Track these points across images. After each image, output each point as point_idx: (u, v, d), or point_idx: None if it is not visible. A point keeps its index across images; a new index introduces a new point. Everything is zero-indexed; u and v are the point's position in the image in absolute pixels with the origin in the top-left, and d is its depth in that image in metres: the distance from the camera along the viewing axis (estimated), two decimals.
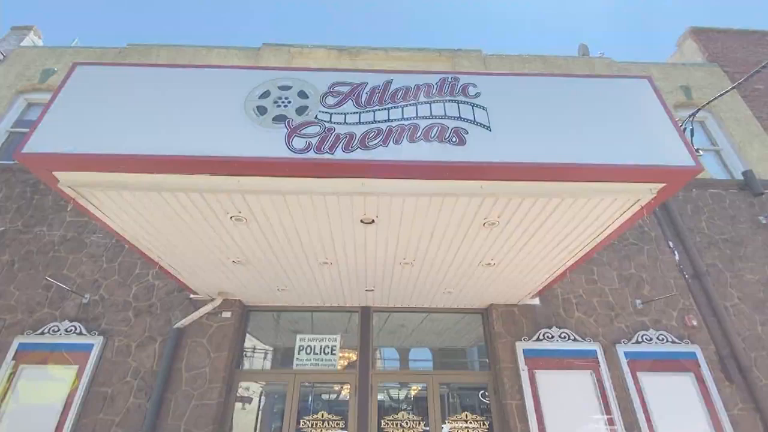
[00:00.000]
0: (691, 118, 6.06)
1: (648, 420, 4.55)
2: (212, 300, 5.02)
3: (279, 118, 2.67)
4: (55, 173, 2.76)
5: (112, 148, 2.57)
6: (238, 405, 5.01)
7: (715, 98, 6.30)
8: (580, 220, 3.12)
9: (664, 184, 2.78)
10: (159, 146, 2.56)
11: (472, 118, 2.71)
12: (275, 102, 2.77)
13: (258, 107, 2.74)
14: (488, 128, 2.69)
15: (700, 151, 6.20)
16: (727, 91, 6.01)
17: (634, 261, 5.79)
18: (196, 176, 2.68)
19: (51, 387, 4.52)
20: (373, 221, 3.19)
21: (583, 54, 9.12)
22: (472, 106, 2.77)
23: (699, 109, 6.38)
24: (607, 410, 4.60)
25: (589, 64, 8.19)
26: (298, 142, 2.57)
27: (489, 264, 4.02)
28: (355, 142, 2.58)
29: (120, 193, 2.83)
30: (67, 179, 2.77)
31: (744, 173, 6.70)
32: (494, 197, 2.80)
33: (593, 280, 5.59)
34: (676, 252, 5.85)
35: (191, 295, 5.15)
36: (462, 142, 2.62)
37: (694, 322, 5.24)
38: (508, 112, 2.79)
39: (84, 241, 5.67)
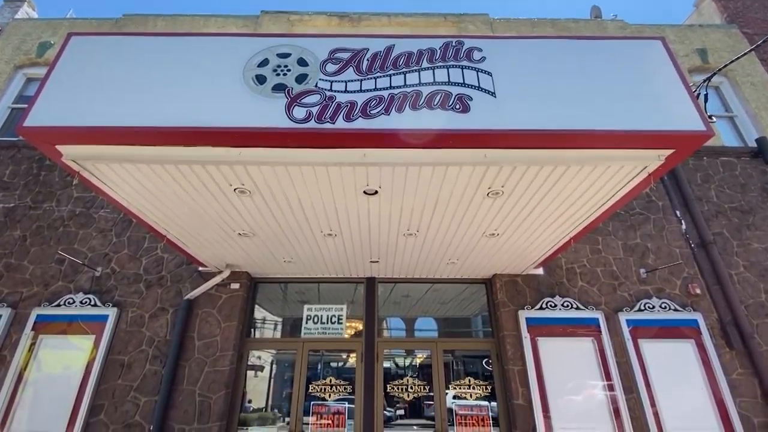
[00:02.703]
0: (705, 83, 5.83)
1: (647, 385, 4.67)
2: (220, 272, 5.12)
3: (278, 87, 2.62)
4: (59, 147, 2.76)
5: (111, 120, 2.56)
6: (251, 373, 5.22)
7: (732, 61, 6.03)
8: (586, 188, 3.08)
9: (672, 151, 2.71)
10: (158, 118, 2.54)
11: (477, 84, 2.64)
12: (274, 70, 2.70)
13: (257, 76, 2.68)
14: (493, 94, 2.62)
15: (713, 118, 6.00)
16: (744, 54, 5.74)
17: (640, 230, 5.77)
18: (198, 148, 2.66)
19: (71, 355, 4.72)
20: (376, 192, 3.19)
21: (595, 17, 8.73)
22: (477, 72, 2.69)
23: (714, 74, 6.12)
24: (607, 376, 4.71)
25: (601, 27, 7.85)
26: (299, 112, 2.53)
27: (493, 234, 4.03)
28: (357, 110, 2.53)
29: (123, 166, 2.83)
30: (70, 153, 2.78)
31: (758, 140, 6.52)
32: (498, 166, 2.77)
33: (598, 250, 5.59)
34: (683, 221, 5.80)
35: (200, 268, 5.26)
36: (466, 109, 2.56)
37: (698, 291, 5.26)
38: (513, 77, 2.71)
39: (92, 216, 5.75)
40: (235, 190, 3.14)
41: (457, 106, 2.57)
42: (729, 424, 4.48)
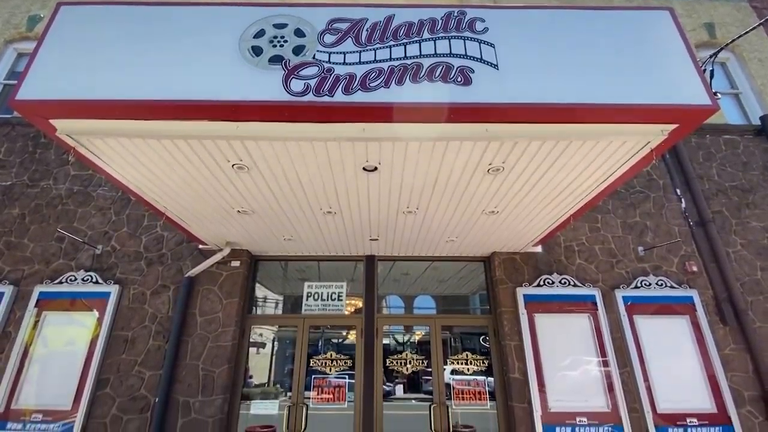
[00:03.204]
0: (712, 59, 5.72)
1: (641, 360, 4.77)
2: (221, 250, 5.14)
3: (275, 59, 2.55)
4: (52, 121, 2.72)
5: (104, 93, 2.50)
6: (253, 350, 5.32)
7: (740, 36, 5.90)
8: (587, 164, 3.06)
9: (676, 125, 2.68)
10: (152, 91, 2.49)
11: (479, 56, 2.57)
12: (271, 41, 2.63)
13: (253, 47, 2.61)
14: (495, 66, 2.56)
15: (718, 94, 5.92)
16: (753, 28, 5.60)
17: (640, 209, 5.76)
18: (194, 122, 2.62)
19: (75, 331, 4.79)
20: (375, 168, 3.16)
21: None
22: (479, 43, 2.62)
23: (721, 49, 6.00)
24: (602, 351, 4.81)
25: None
26: (296, 85, 2.48)
27: (492, 212, 4.02)
28: (356, 83, 2.47)
29: (119, 141, 2.80)
30: (64, 127, 2.74)
31: (762, 118, 6.44)
32: (500, 141, 2.73)
33: (597, 228, 5.61)
34: (683, 199, 5.79)
35: (200, 246, 5.28)
36: (467, 82, 2.51)
37: (695, 268, 5.30)
38: (516, 48, 2.64)
39: (90, 194, 5.72)
40: (233, 166, 3.11)
41: (459, 79, 2.51)
42: (719, 398, 4.60)
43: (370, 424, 4.73)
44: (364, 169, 3.16)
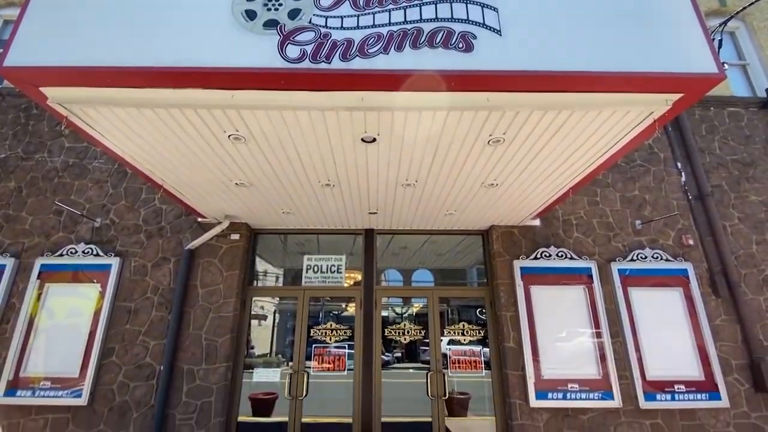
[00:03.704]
0: (721, 28, 5.55)
1: (633, 330, 4.89)
2: (219, 223, 5.15)
3: (270, 24, 2.46)
4: (43, 89, 2.65)
5: (94, 60, 2.42)
6: (254, 322, 5.42)
7: (751, 4, 5.70)
8: (588, 135, 3.02)
9: (681, 95, 2.62)
10: (143, 57, 2.41)
11: (482, 21, 2.48)
12: (265, 5, 2.53)
13: (246, 11, 2.51)
14: (498, 32, 2.48)
15: (725, 65, 5.78)
16: None
17: (639, 182, 5.75)
18: (188, 90, 2.56)
19: (78, 303, 4.87)
20: (374, 140, 3.12)
21: None
22: (482, 7, 2.52)
23: (731, 17, 5.83)
24: (596, 322, 4.92)
25: None
26: (292, 51, 2.40)
27: (492, 185, 4.00)
28: (354, 49, 2.40)
29: (112, 110, 2.73)
30: (55, 95, 2.67)
31: None
32: (501, 111, 2.68)
33: (595, 202, 5.61)
34: (683, 173, 5.77)
35: (199, 219, 5.28)
36: (469, 48, 2.43)
37: (691, 242, 5.35)
38: (519, 13, 2.54)
39: (87, 167, 5.67)
40: (229, 137, 3.06)
41: (460, 45, 2.44)
42: (708, 366, 4.75)
43: (369, 391, 4.89)
44: (362, 140, 3.11)
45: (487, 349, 5.17)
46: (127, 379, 4.61)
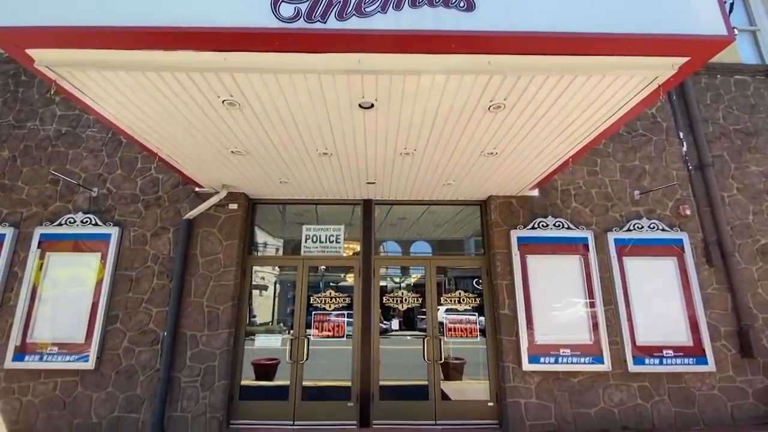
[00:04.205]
0: None
1: (626, 298, 4.99)
2: (217, 192, 5.12)
3: None
4: (29, 52, 2.56)
5: (80, 19, 2.32)
6: (256, 292, 5.51)
7: None
8: (591, 101, 2.96)
9: (688, 58, 2.55)
10: (131, 17, 2.31)
11: None
12: None
13: None
14: None
15: (735, 30, 5.58)
16: None
17: (640, 152, 5.70)
18: (179, 52, 2.48)
19: (80, 271, 4.92)
20: (372, 105, 3.05)
21: None
22: None
23: None
24: (590, 290, 5.01)
25: None
26: (286, 9, 2.30)
27: (491, 153, 3.96)
28: (350, 7, 2.30)
29: (101, 74, 2.66)
30: (42, 58, 2.58)
31: None
32: (502, 74, 2.61)
33: (595, 172, 5.58)
34: (684, 143, 5.71)
35: (196, 189, 5.25)
36: (470, 7, 2.33)
37: (688, 212, 5.37)
38: None
39: (80, 135, 5.57)
40: (223, 102, 2.99)
41: (461, 4, 2.34)
42: (697, 333, 4.89)
43: (367, 356, 5.05)
44: (360, 106, 3.05)
45: (482, 318, 5.29)
46: (132, 344, 4.74)
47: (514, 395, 4.70)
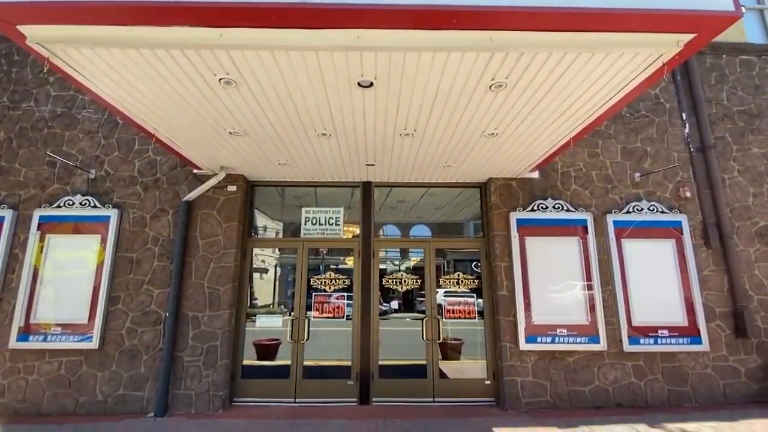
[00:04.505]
0: None
1: (623, 280, 5.03)
2: (215, 174, 5.10)
3: None
4: (21, 28, 2.50)
5: None
6: (256, 275, 5.54)
7: None
8: (594, 79, 2.91)
9: (693, 35, 2.50)
10: None
11: None
12: None
13: None
14: None
15: (743, 8, 5.46)
16: None
17: (642, 134, 5.65)
18: (174, 28, 2.42)
19: (81, 253, 4.93)
20: (371, 84, 3.00)
21: None
22: None
23: None
24: (588, 271, 5.05)
25: None
26: None
27: (492, 134, 3.92)
28: None
29: (95, 51, 2.60)
30: (34, 35, 2.53)
31: None
32: (504, 51, 2.56)
33: (596, 153, 5.54)
34: (687, 124, 5.66)
35: (194, 170, 5.22)
36: None
37: (688, 194, 5.36)
38: None
39: (76, 116, 5.50)
40: (220, 80, 2.94)
41: None
42: (692, 314, 4.95)
43: (367, 336, 5.12)
44: (359, 84, 3.00)
45: (480, 300, 5.34)
46: (135, 324, 4.80)
47: (510, 374, 4.79)
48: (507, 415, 4.55)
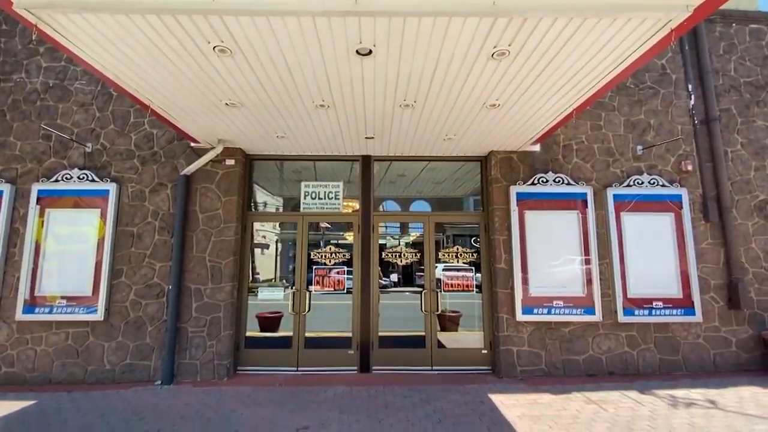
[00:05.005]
0: None
1: (621, 253, 5.08)
2: (213, 148, 5.04)
3: None
4: None
5: None
6: (258, 251, 5.57)
7: None
8: (600, 47, 2.82)
9: (703, 0, 2.41)
10: None
11: None
12: None
13: None
14: None
15: None
16: None
17: (646, 106, 5.55)
18: None
19: (81, 227, 4.95)
20: (370, 52, 2.92)
21: None
22: None
23: None
24: (586, 245, 5.09)
25: None
26: None
27: (494, 105, 3.85)
28: None
29: (84, 17, 2.51)
30: (21, 0, 2.43)
31: None
32: (508, 17, 2.47)
33: (599, 126, 5.47)
34: (692, 96, 5.55)
35: (192, 144, 5.17)
36: None
37: (689, 167, 5.33)
38: None
39: (68, 88, 5.39)
40: (214, 48, 2.85)
41: None
42: (687, 286, 5.02)
43: (367, 309, 5.21)
44: (357, 52, 2.91)
45: (479, 275, 5.40)
46: (138, 297, 4.88)
47: (507, 343, 4.91)
48: (502, 382, 4.70)
